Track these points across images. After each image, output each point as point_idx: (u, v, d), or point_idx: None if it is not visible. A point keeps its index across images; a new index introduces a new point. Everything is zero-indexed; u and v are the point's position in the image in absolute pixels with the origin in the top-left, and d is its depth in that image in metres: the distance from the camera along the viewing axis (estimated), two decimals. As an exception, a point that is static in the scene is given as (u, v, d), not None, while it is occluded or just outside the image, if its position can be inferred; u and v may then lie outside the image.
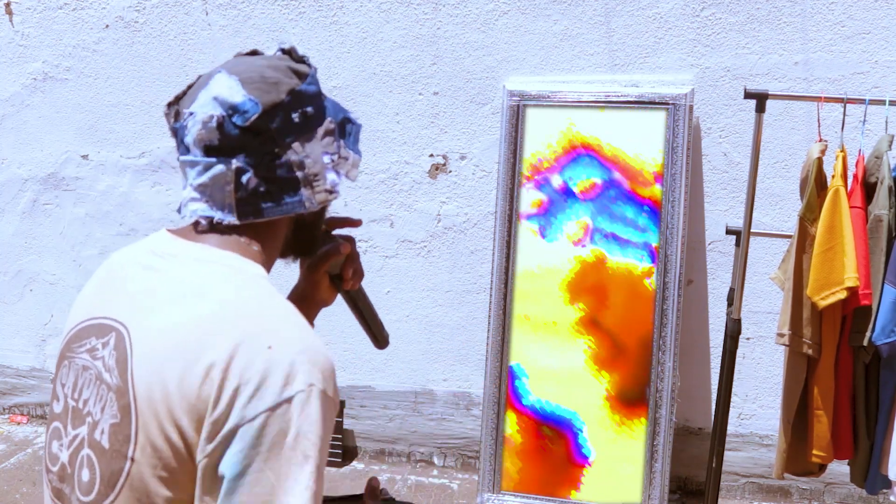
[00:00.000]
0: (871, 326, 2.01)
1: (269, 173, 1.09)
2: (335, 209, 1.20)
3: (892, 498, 2.15)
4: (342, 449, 3.15)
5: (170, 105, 1.14)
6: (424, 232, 3.04)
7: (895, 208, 2.00)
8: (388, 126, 3.00)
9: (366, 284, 1.61)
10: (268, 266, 1.14)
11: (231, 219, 1.09)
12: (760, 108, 2.14)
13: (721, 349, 2.47)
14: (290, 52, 1.17)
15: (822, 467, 2.20)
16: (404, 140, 3.00)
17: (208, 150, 1.08)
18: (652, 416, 2.72)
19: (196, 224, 1.11)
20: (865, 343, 2.02)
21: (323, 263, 1.34)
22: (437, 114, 2.95)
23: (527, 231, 2.80)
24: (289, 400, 0.95)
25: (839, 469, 2.58)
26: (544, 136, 2.78)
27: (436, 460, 3.20)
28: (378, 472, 3.13)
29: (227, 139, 1.07)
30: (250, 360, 0.96)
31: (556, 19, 2.80)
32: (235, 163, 1.07)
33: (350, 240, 1.36)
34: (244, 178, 1.08)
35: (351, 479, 3.08)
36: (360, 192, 3.05)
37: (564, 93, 2.77)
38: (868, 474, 2.15)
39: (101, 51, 3.16)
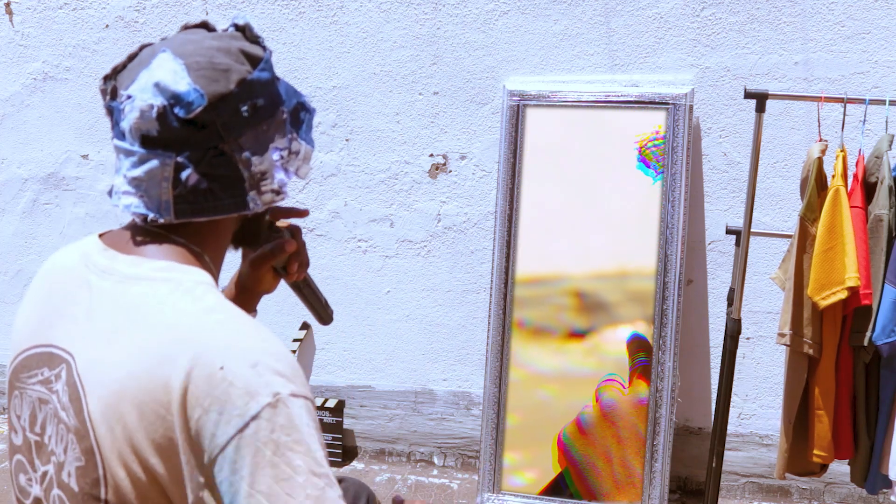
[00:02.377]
0: (871, 326, 2.01)
1: (212, 170, 0.98)
2: (336, 208, 1.19)
3: (892, 498, 2.15)
4: (342, 449, 3.15)
5: (106, 79, 1.03)
6: (424, 232, 3.04)
7: (895, 208, 2.00)
8: (388, 126, 3.00)
9: (366, 284, 1.60)
10: (214, 265, 1.05)
11: (167, 217, 0.99)
12: (760, 108, 2.14)
13: (721, 349, 2.47)
14: (243, 30, 1.06)
15: (824, 467, 2.20)
16: (404, 140, 3.00)
17: (145, 141, 0.97)
18: (652, 416, 2.72)
19: (130, 226, 1.02)
20: (866, 343, 2.02)
21: (266, 261, 1.25)
22: (437, 114, 2.95)
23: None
24: (255, 417, 0.88)
25: (839, 469, 2.58)
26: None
27: (436, 460, 3.20)
28: (378, 472, 3.13)
29: (167, 131, 0.96)
30: (206, 387, 0.89)
31: (556, 19, 2.80)
32: (175, 157, 0.97)
33: (296, 232, 1.28)
34: (184, 175, 0.97)
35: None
36: (360, 192, 3.05)
37: (564, 93, 2.77)
38: (868, 474, 2.15)
39: (101, 51, 3.16)
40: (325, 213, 3.09)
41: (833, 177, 2.03)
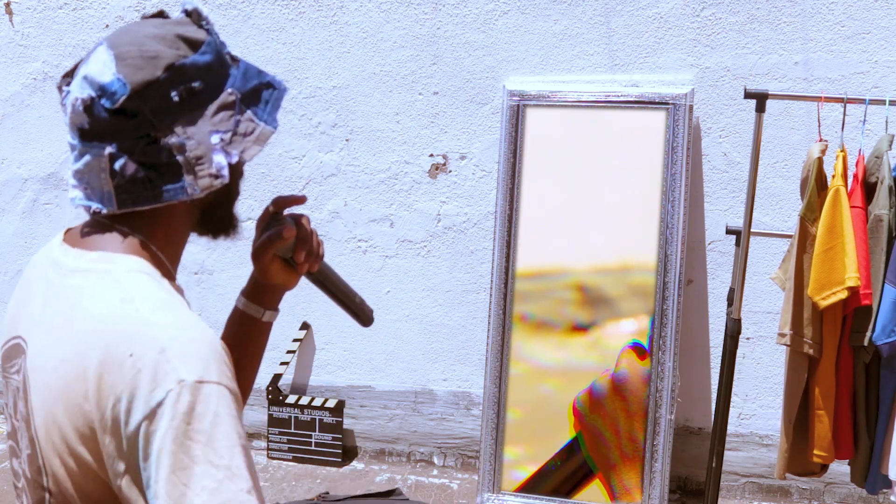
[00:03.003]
0: (871, 326, 2.01)
1: (148, 158, 0.98)
2: (336, 208, 1.17)
3: (892, 498, 2.15)
4: (342, 449, 3.15)
5: (64, 76, 1.04)
6: (424, 232, 3.04)
7: (895, 208, 2.00)
8: (388, 126, 3.00)
9: (366, 284, 1.59)
10: (166, 254, 1.04)
11: (110, 208, 0.99)
12: (760, 108, 2.14)
13: (721, 349, 2.47)
14: (191, 15, 1.05)
15: (824, 467, 2.20)
16: (404, 140, 3.00)
17: (82, 134, 0.99)
18: (652, 416, 2.72)
19: (87, 220, 1.04)
20: (866, 343, 2.02)
21: (266, 249, 1.22)
22: (437, 114, 2.95)
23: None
24: (160, 403, 0.87)
25: (839, 469, 2.58)
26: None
27: (436, 460, 3.20)
28: (378, 472, 3.13)
29: (97, 123, 0.97)
30: (118, 374, 0.88)
31: (556, 19, 2.80)
32: (108, 149, 0.97)
33: (300, 219, 1.24)
34: (118, 165, 0.97)
35: (351, 479, 3.08)
36: (360, 192, 3.05)
37: (564, 93, 2.77)
38: (868, 474, 2.15)
39: (100, 51, 3.16)
40: (325, 213, 3.09)
41: (833, 177, 2.03)
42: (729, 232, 2.61)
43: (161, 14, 1.06)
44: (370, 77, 2.97)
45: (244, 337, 1.33)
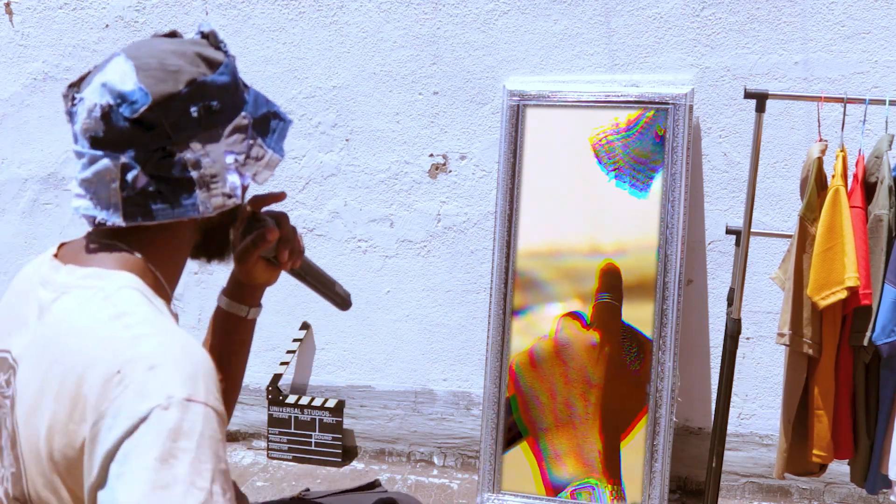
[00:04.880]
0: (871, 326, 2.01)
1: (161, 172, 0.97)
2: (336, 208, 1.17)
3: (892, 498, 2.15)
4: (342, 449, 3.15)
5: (70, 86, 1.03)
6: (424, 232, 3.04)
7: (895, 208, 2.00)
8: (388, 126, 3.00)
9: (366, 284, 1.59)
10: (164, 272, 1.03)
11: (116, 220, 0.98)
12: (760, 108, 2.14)
13: (721, 349, 2.47)
14: (207, 37, 1.06)
15: (823, 467, 2.20)
16: (404, 140, 3.00)
17: (94, 142, 0.97)
18: (652, 416, 2.72)
19: (85, 234, 1.02)
20: (865, 343, 2.02)
21: (251, 253, 1.22)
22: (437, 114, 2.95)
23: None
24: (144, 419, 0.84)
25: (839, 469, 2.58)
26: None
27: (436, 460, 3.20)
28: (378, 472, 3.13)
29: (113, 131, 0.96)
30: (103, 391, 0.86)
31: (556, 19, 2.80)
32: (122, 158, 0.96)
33: (281, 218, 1.25)
34: (130, 176, 0.96)
35: (351, 479, 3.08)
36: (360, 192, 3.05)
37: (564, 93, 2.77)
38: (868, 474, 2.15)
39: (101, 51, 3.16)
40: (325, 213, 3.09)
41: (833, 177, 2.03)
42: (729, 232, 2.61)
43: (175, 34, 1.07)
44: (370, 77, 2.97)
45: (230, 335, 1.32)
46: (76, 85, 1.03)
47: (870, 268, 2.00)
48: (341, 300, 1.41)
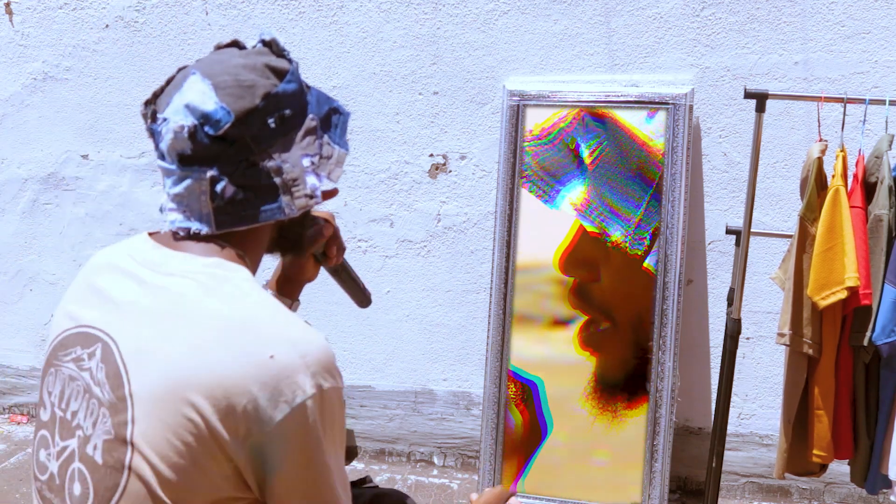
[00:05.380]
0: (871, 326, 2.01)
1: (246, 181, 1.04)
2: (336, 208, 1.20)
3: (892, 498, 2.15)
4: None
5: (146, 103, 1.09)
6: (424, 232, 3.04)
7: (895, 208, 2.00)
8: (388, 126, 3.00)
9: (366, 284, 1.62)
10: (253, 269, 1.11)
11: (208, 229, 1.05)
12: (760, 108, 2.14)
13: (721, 349, 2.47)
14: (270, 45, 1.11)
15: (823, 467, 2.20)
16: (404, 140, 3.00)
17: (182, 160, 1.04)
18: (652, 416, 2.72)
19: (175, 233, 1.08)
20: (866, 343, 2.02)
21: (309, 248, 1.31)
22: (437, 114, 2.96)
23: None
24: (301, 406, 0.95)
25: (839, 469, 2.58)
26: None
27: (436, 460, 3.20)
28: (378, 472, 3.13)
29: (199, 148, 1.03)
30: (255, 373, 0.94)
31: (556, 19, 2.80)
32: (209, 172, 1.03)
33: (329, 217, 1.34)
34: (219, 188, 1.03)
35: (351, 479, 3.08)
36: (360, 192, 3.05)
37: (564, 93, 2.77)
38: (868, 474, 2.15)
39: (101, 51, 3.16)
40: (325, 213, 3.09)
41: (833, 177, 2.03)
42: (729, 232, 2.61)
43: (237, 43, 1.13)
44: (370, 77, 2.97)
45: None
46: (152, 102, 1.09)
47: (870, 268, 2.00)
48: (365, 298, 1.50)
